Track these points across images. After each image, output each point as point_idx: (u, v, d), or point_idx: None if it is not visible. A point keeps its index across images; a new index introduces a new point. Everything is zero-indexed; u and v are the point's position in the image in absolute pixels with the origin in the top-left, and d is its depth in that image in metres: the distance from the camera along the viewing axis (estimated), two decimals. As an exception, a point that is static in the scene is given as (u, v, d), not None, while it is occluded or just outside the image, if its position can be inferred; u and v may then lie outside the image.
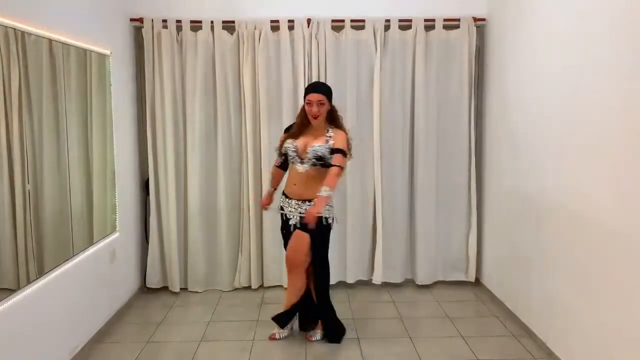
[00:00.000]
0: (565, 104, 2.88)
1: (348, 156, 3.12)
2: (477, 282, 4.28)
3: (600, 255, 2.54)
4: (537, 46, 3.23)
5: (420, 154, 4.12)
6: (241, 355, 3.14)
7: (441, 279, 4.31)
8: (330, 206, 3.17)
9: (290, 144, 3.16)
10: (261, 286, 4.25)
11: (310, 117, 3.12)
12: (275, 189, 3.45)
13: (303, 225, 3.09)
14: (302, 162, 3.11)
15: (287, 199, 3.21)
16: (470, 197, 4.20)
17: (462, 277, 4.30)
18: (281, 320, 3.32)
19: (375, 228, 4.15)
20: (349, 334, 3.39)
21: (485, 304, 3.91)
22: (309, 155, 3.07)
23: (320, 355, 3.13)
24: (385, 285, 4.25)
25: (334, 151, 3.05)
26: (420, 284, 4.23)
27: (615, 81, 2.42)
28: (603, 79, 2.51)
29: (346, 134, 3.16)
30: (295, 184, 3.15)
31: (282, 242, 3.36)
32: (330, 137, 3.11)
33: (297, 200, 3.15)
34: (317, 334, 3.32)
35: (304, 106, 3.17)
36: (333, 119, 3.19)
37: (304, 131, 3.18)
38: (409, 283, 4.30)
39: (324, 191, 2.92)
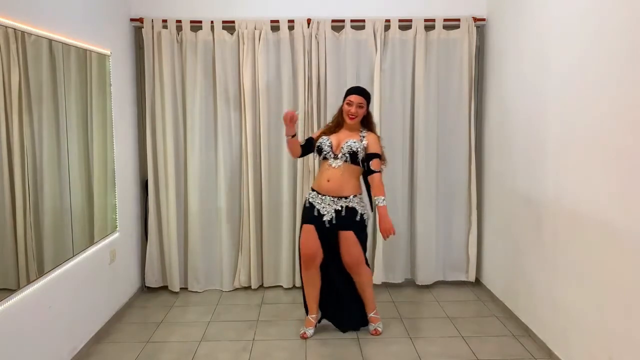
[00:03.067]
0: (565, 104, 2.88)
1: (383, 160, 3.26)
2: (477, 282, 4.28)
3: (601, 255, 2.54)
4: (537, 46, 3.23)
5: (420, 154, 4.11)
6: (241, 355, 3.14)
7: (441, 279, 4.31)
8: (364, 204, 3.34)
9: (325, 139, 3.27)
10: (261, 286, 4.25)
11: (347, 117, 3.26)
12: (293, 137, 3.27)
13: (343, 225, 3.21)
14: (335, 158, 3.21)
15: (319, 195, 3.26)
16: (470, 197, 4.20)
17: (462, 277, 4.30)
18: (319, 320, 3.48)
19: (375, 228, 4.15)
20: (348, 334, 3.39)
21: (485, 304, 3.91)
22: (344, 150, 3.20)
23: (320, 355, 3.13)
24: (386, 285, 4.25)
25: (370, 156, 3.18)
26: (420, 284, 4.23)
27: (615, 81, 2.42)
28: (603, 78, 2.51)
29: (378, 137, 3.32)
30: (329, 181, 3.22)
31: (299, 236, 3.39)
32: (364, 137, 3.26)
33: (332, 196, 3.23)
34: (381, 323, 3.44)
35: (341, 108, 3.32)
36: (368, 124, 3.35)
37: (338, 131, 3.31)
38: (409, 283, 4.30)
39: (381, 201, 3.11)
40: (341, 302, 3.40)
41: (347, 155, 3.19)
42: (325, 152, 3.24)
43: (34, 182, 2.66)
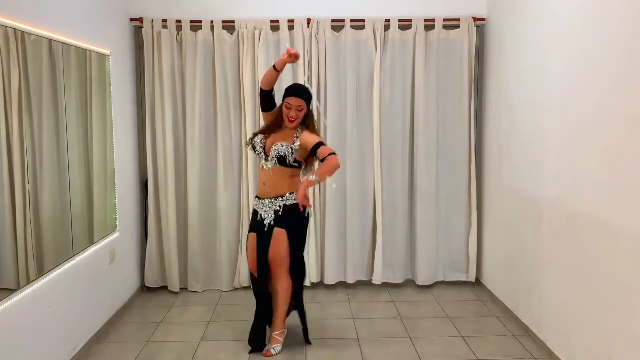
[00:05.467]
0: (565, 104, 2.88)
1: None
2: (478, 282, 4.28)
3: (601, 255, 2.54)
4: (537, 46, 3.23)
5: (420, 154, 4.11)
6: (241, 355, 3.14)
7: (442, 279, 4.31)
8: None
9: (258, 140, 3.12)
10: (261, 286, 4.25)
11: (286, 119, 3.06)
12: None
13: (278, 222, 3.06)
14: (266, 159, 3.09)
15: (259, 200, 3.16)
16: (470, 197, 4.20)
17: (462, 278, 4.30)
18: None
19: (375, 228, 4.15)
20: (349, 334, 3.39)
21: (485, 304, 3.91)
22: (272, 154, 3.05)
23: (320, 356, 3.13)
24: (386, 285, 4.24)
25: (314, 149, 2.97)
26: (420, 284, 4.23)
27: (615, 80, 2.42)
28: (603, 78, 2.51)
29: (314, 129, 3.11)
30: (264, 184, 3.12)
31: (246, 245, 3.27)
32: (297, 137, 3.05)
33: (270, 198, 3.10)
34: (279, 346, 3.16)
35: (281, 106, 3.09)
36: (307, 123, 3.11)
37: (276, 130, 3.13)
38: (410, 283, 4.30)
39: (313, 178, 2.88)
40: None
41: (276, 158, 3.04)
42: (258, 152, 3.12)
43: (34, 182, 2.65)
